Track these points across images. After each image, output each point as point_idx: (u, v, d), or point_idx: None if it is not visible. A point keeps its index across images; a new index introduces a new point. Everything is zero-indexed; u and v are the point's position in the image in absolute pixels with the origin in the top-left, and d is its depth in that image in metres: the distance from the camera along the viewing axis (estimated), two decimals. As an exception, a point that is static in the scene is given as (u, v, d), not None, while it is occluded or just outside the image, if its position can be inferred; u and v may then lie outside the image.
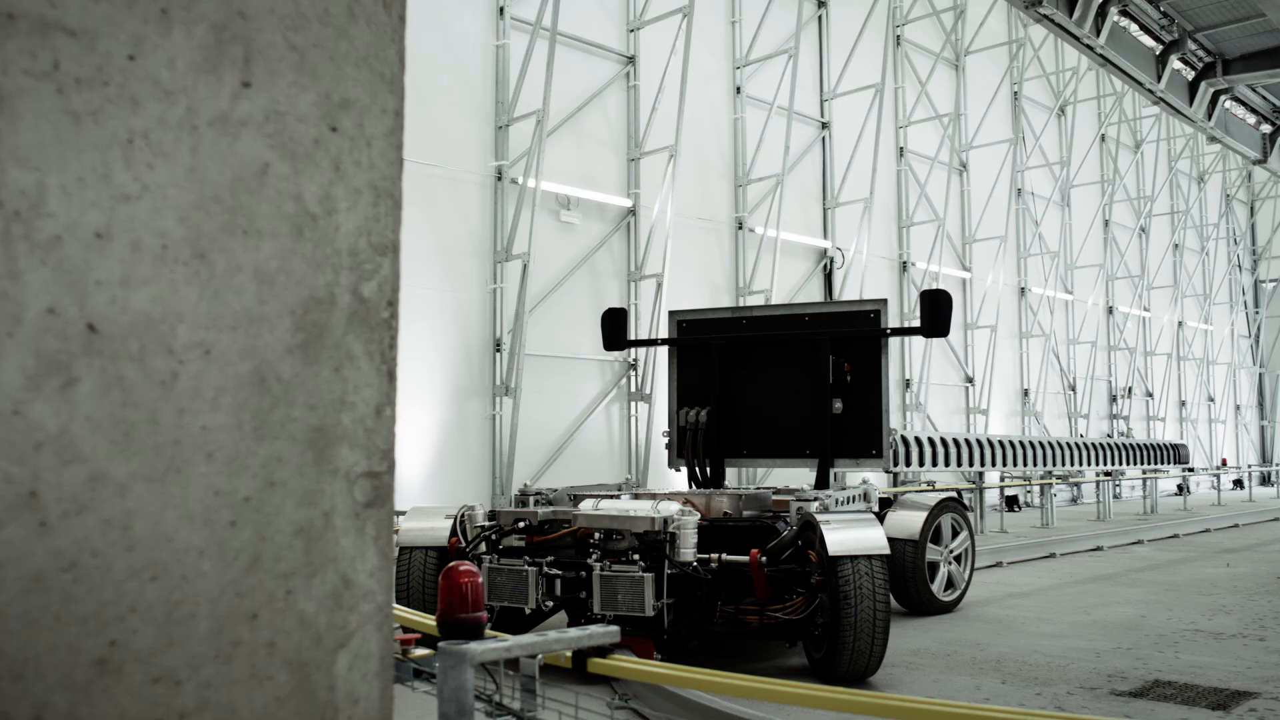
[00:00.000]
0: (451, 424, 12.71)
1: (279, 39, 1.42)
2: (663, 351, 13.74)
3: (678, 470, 9.02)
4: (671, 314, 9.36)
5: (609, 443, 14.71)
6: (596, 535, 5.72)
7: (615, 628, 2.47)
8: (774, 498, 7.12)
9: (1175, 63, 24.03)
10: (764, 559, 5.51)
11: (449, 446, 12.65)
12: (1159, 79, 23.46)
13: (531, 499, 7.55)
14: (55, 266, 1.20)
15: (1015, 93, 22.69)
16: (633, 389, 14.90)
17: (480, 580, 2.35)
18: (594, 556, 5.63)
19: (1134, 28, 22.89)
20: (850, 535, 5.29)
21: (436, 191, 12.62)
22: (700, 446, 8.71)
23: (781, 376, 8.75)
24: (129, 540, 1.25)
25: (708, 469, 8.74)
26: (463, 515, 6.93)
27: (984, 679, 5.67)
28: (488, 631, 2.50)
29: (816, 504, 6.35)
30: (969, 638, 6.89)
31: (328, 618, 1.42)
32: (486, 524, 6.60)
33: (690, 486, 8.84)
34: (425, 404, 12.44)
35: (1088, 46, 20.34)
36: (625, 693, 5.03)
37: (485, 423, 13.10)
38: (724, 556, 5.54)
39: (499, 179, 13.28)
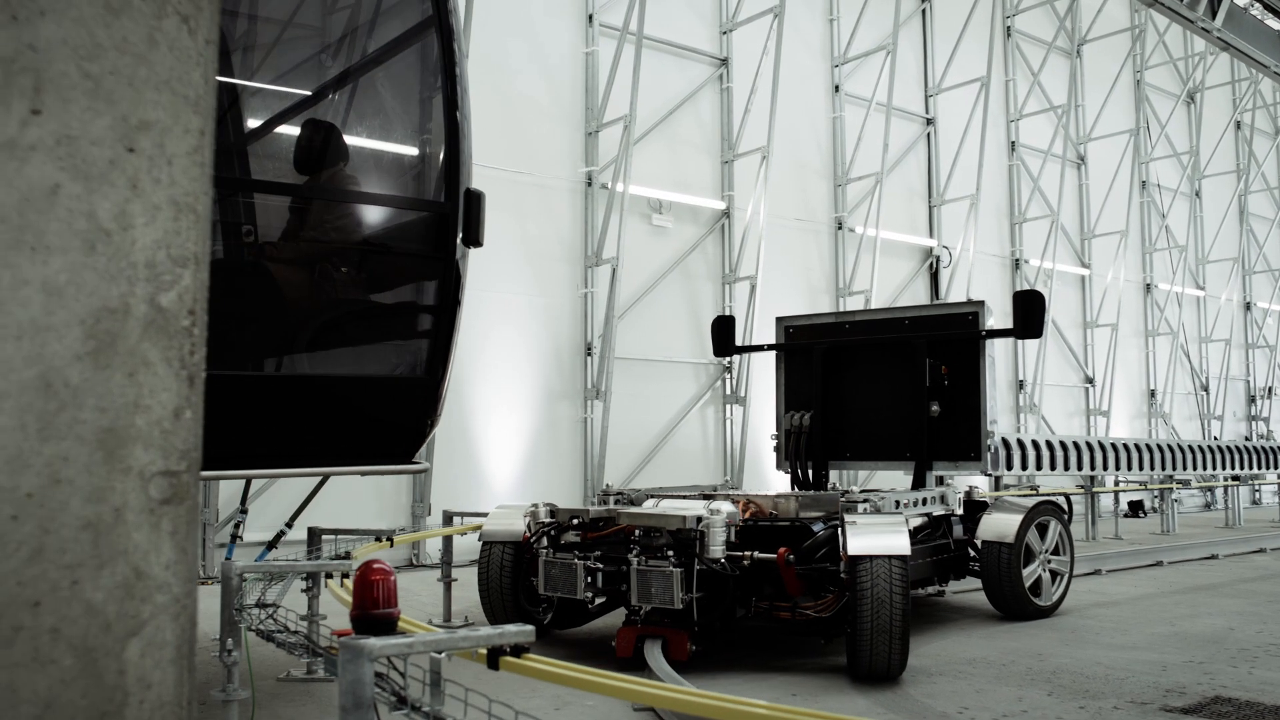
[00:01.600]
0: (542, 427, 12.92)
1: (72, 68, 1.52)
2: (759, 355, 13.70)
3: (786, 473, 9.18)
4: (778, 320, 9.52)
5: (704, 445, 14.71)
6: (638, 532, 5.91)
7: (530, 627, 2.53)
8: (840, 499, 7.15)
9: (1304, 44, 22.66)
10: (792, 557, 5.57)
11: (540, 449, 12.87)
12: (1286, 62, 22.16)
13: (612, 499, 7.82)
14: None
15: (1137, 81, 21.73)
16: (727, 392, 14.87)
17: (393, 579, 2.43)
18: (634, 552, 5.81)
19: (1258, 8, 21.66)
20: (872, 536, 5.28)
21: (526, 198, 12.85)
22: (803, 449, 8.85)
23: (882, 379, 8.85)
24: (-99, 531, 1.37)
25: (810, 471, 8.88)
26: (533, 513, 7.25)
27: (1030, 691, 5.49)
28: (402, 624, 2.59)
29: (867, 505, 6.32)
30: (1032, 647, 6.67)
31: (118, 607, 1.52)
32: (546, 521, 6.85)
33: (792, 489, 8.98)
34: (516, 407, 12.69)
35: (1205, 30, 19.33)
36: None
37: (576, 426, 13.27)
38: (756, 554, 5.63)
39: (589, 184, 13.44)
